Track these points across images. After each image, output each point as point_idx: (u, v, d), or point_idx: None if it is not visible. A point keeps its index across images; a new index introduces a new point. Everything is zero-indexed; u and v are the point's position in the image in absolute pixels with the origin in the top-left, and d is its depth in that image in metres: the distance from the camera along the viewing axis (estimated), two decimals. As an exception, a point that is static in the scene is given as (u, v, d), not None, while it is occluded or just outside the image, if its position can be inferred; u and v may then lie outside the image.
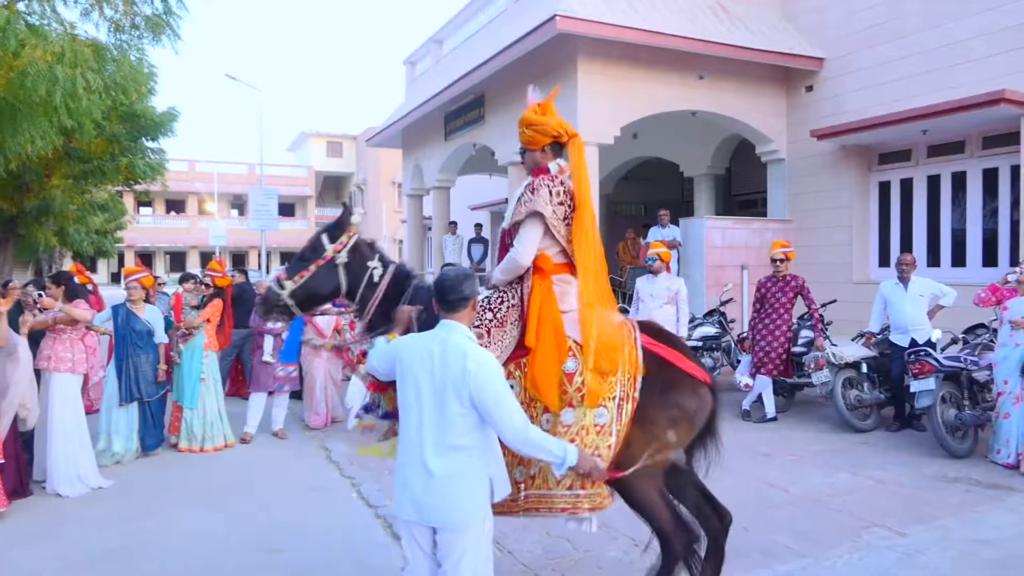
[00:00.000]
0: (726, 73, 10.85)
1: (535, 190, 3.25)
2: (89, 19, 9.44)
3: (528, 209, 3.24)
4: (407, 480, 2.64)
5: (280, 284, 3.46)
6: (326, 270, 3.46)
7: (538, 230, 3.25)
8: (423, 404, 2.62)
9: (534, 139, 3.38)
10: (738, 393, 8.22)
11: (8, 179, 14.16)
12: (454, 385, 2.56)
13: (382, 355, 2.84)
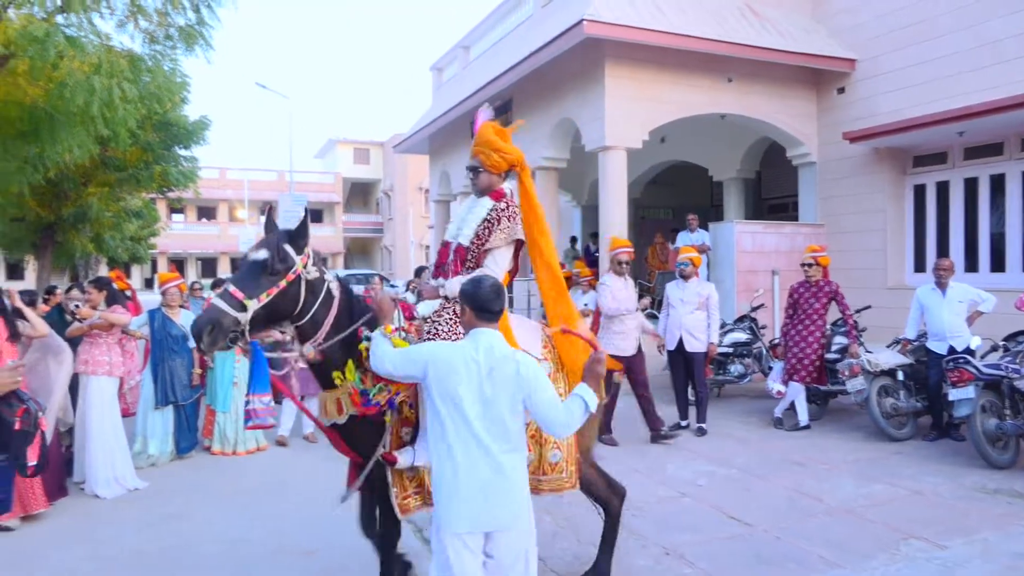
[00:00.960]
0: (755, 76, 10.75)
1: (511, 218, 3.46)
2: (124, 30, 9.65)
3: (510, 236, 3.46)
4: (462, 491, 2.63)
5: (240, 305, 2.88)
6: (295, 287, 3.03)
7: (510, 254, 3.54)
8: (469, 414, 2.64)
9: (499, 164, 3.54)
10: (770, 400, 8.11)
11: (47, 187, 14.54)
12: (509, 391, 2.66)
13: (405, 359, 2.79)
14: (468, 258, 3.45)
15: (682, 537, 4.61)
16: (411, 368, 2.77)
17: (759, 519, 4.90)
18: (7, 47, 8.09)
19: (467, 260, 3.45)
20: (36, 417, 2.72)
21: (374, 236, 48.09)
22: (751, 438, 7.22)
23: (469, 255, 3.45)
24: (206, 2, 9.48)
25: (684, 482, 5.80)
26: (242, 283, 2.93)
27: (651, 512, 5.10)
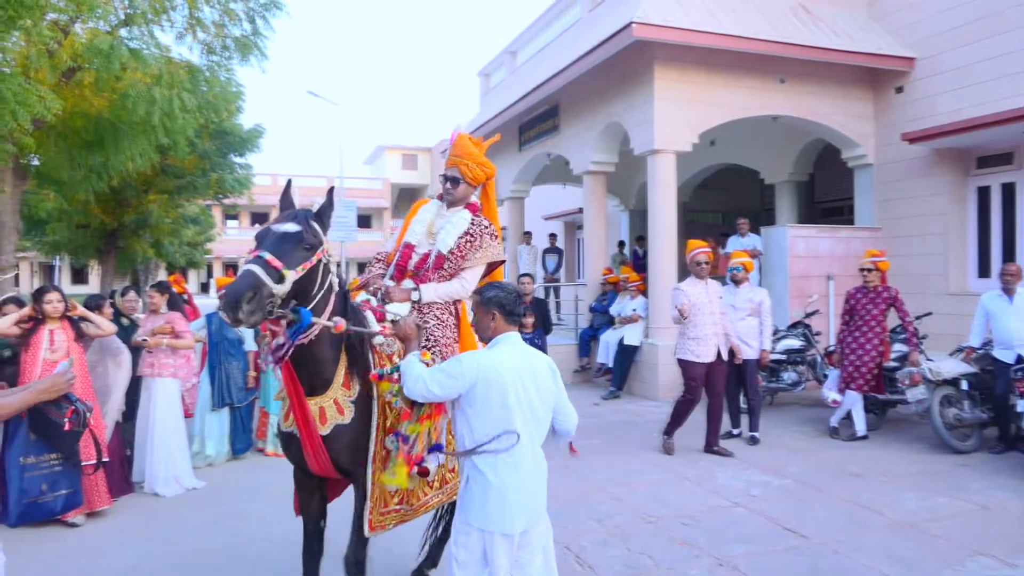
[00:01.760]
0: (809, 76, 10.51)
1: (494, 236, 3.56)
2: (183, 42, 9.97)
3: (493, 256, 3.55)
4: (515, 493, 2.73)
5: (278, 276, 2.63)
6: (317, 268, 2.85)
7: (482, 271, 3.59)
8: (516, 417, 2.74)
9: (478, 177, 3.63)
10: (824, 409, 7.90)
11: (110, 195, 15.10)
12: (550, 390, 2.86)
13: (451, 377, 2.73)
14: (445, 267, 3.47)
15: (736, 548, 4.52)
16: (458, 385, 2.73)
17: (816, 531, 4.77)
18: (74, 60, 8.42)
19: (443, 269, 3.47)
20: (84, 417, 2.83)
21: (421, 241, 48.48)
22: (805, 448, 7.04)
23: (447, 264, 3.46)
24: (261, 13, 9.74)
25: (736, 492, 5.68)
26: (278, 251, 2.66)
27: (703, 521, 5.01)
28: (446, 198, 3.63)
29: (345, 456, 3.08)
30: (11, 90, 6.71)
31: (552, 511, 5.18)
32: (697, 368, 6.67)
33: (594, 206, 11.97)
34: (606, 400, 9.84)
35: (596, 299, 11.51)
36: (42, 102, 7.08)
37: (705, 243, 7.00)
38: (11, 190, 9.41)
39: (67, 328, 5.28)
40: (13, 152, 8.17)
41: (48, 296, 5.25)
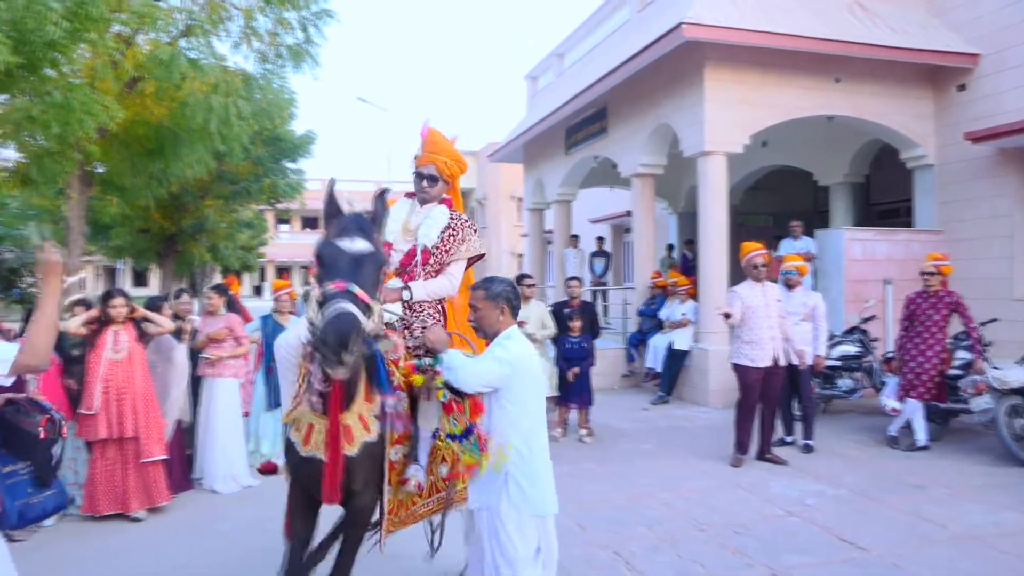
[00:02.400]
0: (866, 75, 10.22)
1: (475, 230, 3.55)
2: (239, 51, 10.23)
3: (476, 250, 3.51)
4: (548, 477, 2.99)
5: (367, 309, 2.48)
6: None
7: (465, 266, 3.57)
8: (539, 405, 3.01)
9: (455, 174, 3.57)
10: (882, 418, 7.65)
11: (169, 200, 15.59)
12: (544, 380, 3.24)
13: (500, 372, 2.87)
14: (430, 262, 3.41)
15: (791, 559, 4.41)
16: (506, 371, 2.90)
17: (874, 543, 4.62)
18: (137, 70, 8.73)
19: (427, 265, 3.41)
20: (59, 425, 2.93)
21: (467, 244, 48.79)
22: (863, 457, 6.83)
23: (431, 260, 3.41)
24: (313, 22, 9.93)
25: (791, 501, 5.55)
26: (361, 281, 2.50)
27: (755, 531, 4.90)
28: (420, 196, 3.51)
29: (361, 476, 2.93)
30: (78, 100, 6.99)
31: (601, 516, 5.19)
32: (752, 373, 6.52)
33: (642, 209, 11.86)
34: (655, 405, 9.72)
35: (644, 303, 11.40)
36: (107, 111, 7.34)
37: (761, 245, 6.85)
38: (78, 196, 9.79)
39: (130, 329, 5.46)
40: (80, 160, 8.49)
41: (114, 301, 5.45)
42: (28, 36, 6.26)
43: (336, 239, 2.58)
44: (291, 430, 2.95)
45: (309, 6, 9.70)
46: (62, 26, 6.26)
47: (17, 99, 7.38)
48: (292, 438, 2.94)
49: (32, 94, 7.15)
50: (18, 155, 8.55)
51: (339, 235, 2.59)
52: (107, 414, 5.23)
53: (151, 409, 5.42)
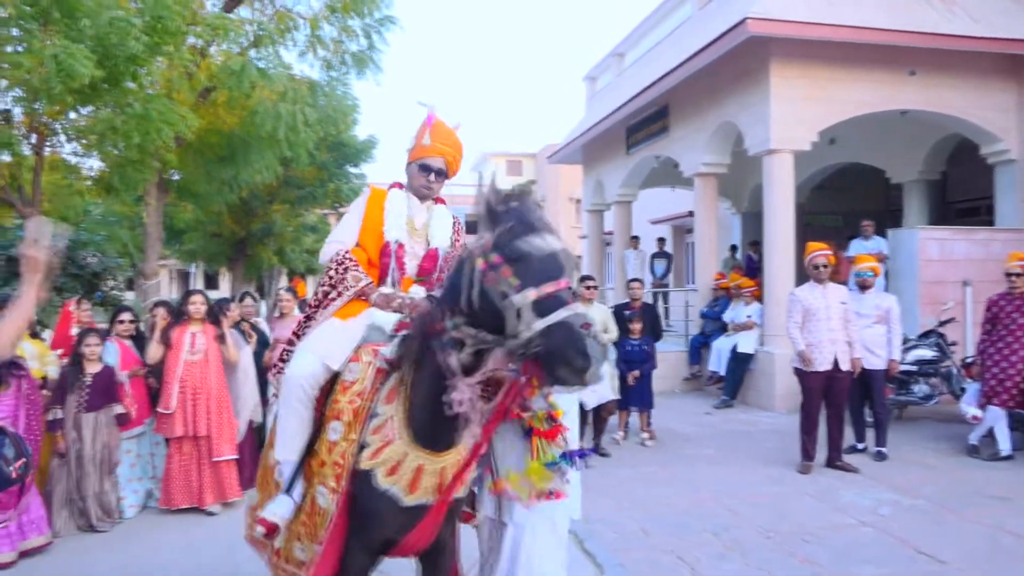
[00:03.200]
0: (942, 67, 9.79)
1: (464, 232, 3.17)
2: (305, 59, 10.56)
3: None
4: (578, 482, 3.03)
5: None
6: None
7: None
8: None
9: (457, 171, 3.12)
10: (962, 425, 7.32)
11: (239, 206, 16.16)
12: None
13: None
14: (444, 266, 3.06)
15: (864, 570, 4.26)
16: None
17: (954, 557, 4.42)
18: (210, 81, 9.09)
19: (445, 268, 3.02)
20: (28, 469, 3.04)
21: (526, 246, 48.96)
22: (941, 466, 6.54)
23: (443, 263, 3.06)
24: (376, 28, 10.17)
25: (863, 510, 5.35)
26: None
27: (826, 540, 4.76)
28: (423, 192, 3.04)
29: (454, 521, 2.73)
30: (156, 110, 7.32)
31: (665, 520, 5.13)
32: (812, 378, 6.33)
33: (705, 209, 11.65)
34: (718, 409, 9.54)
35: (707, 305, 11.19)
36: (183, 120, 7.67)
37: (825, 245, 6.64)
38: (155, 203, 10.26)
39: (208, 331, 5.66)
40: (158, 168, 8.89)
41: (193, 298, 5.68)
42: (111, 51, 6.59)
43: (530, 235, 2.13)
44: (378, 477, 2.40)
45: (373, 13, 9.92)
46: (142, 40, 6.57)
47: (100, 111, 7.78)
48: (384, 486, 2.39)
49: (114, 106, 7.52)
50: (101, 164, 9.01)
51: (529, 231, 2.14)
52: (183, 413, 5.44)
53: (224, 410, 5.60)
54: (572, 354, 1.95)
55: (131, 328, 5.84)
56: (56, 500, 5.07)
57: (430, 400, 2.31)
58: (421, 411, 2.38)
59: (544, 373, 2.05)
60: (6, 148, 7.21)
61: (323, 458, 2.54)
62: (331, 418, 2.54)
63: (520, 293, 2.03)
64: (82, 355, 5.20)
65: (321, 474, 2.55)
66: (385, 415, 2.44)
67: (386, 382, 2.51)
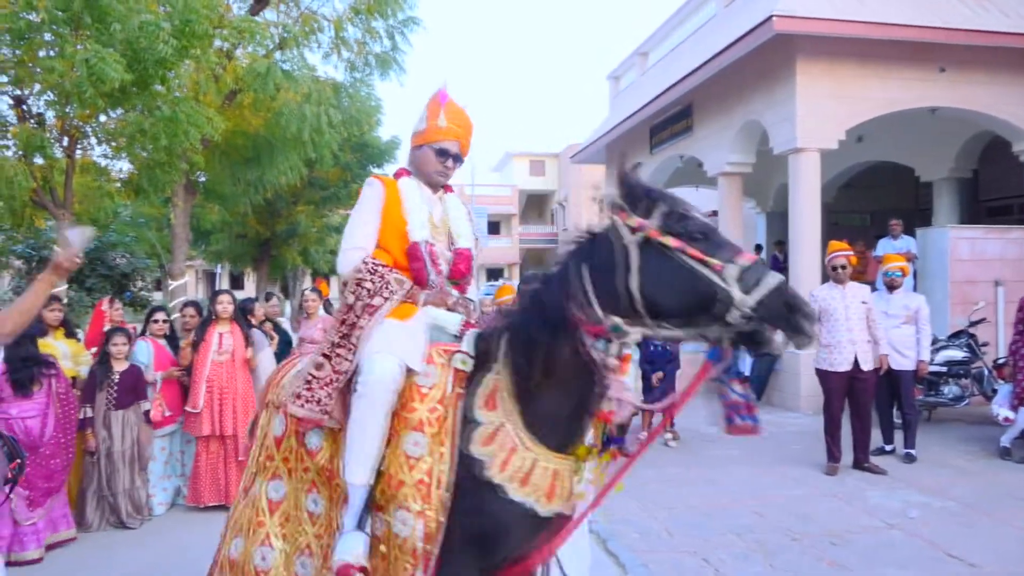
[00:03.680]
0: (973, 63, 9.61)
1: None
2: (329, 61, 10.65)
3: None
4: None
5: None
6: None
7: None
8: None
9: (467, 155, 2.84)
10: (993, 427, 7.18)
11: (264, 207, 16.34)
12: None
13: None
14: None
15: (892, 573, 4.19)
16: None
17: (986, 560, 4.34)
18: (236, 83, 9.19)
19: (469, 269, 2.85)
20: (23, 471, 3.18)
21: (549, 247, 48.88)
22: (971, 468, 6.42)
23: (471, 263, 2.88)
24: (400, 29, 10.23)
25: (892, 512, 5.27)
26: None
27: (853, 542, 4.69)
28: (439, 179, 2.74)
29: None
30: (184, 112, 7.42)
31: (689, 521, 5.09)
32: (833, 378, 6.26)
33: (729, 208, 11.55)
34: (743, 410, 9.44)
35: (732, 305, 11.08)
36: (210, 123, 7.77)
37: (845, 245, 6.57)
38: (183, 205, 10.40)
39: (236, 333, 5.73)
40: (185, 170, 9.01)
41: (220, 297, 5.76)
42: (141, 55, 6.69)
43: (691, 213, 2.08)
44: (510, 490, 2.16)
45: (396, 15, 9.98)
46: (171, 44, 6.66)
47: (130, 114, 7.90)
48: (519, 498, 2.16)
49: (143, 109, 7.64)
50: (130, 167, 9.15)
51: (687, 210, 2.09)
52: (210, 412, 5.51)
53: (250, 409, 5.65)
54: (799, 316, 1.92)
55: (165, 328, 5.93)
56: (89, 497, 5.18)
57: (556, 400, 2.18)
58: (547, 413, 2.19)
59: (759, 342, 1.94)
60: (39, 151, 7.34)
61: (401, 478, 2.22)
62: (406, 430, 2.25)
63: (725, 271, 1.93)
64: (109, 354, 5.29)
65: (397, 497, 2.22)
66: (492, 423, 2.20)
67: (474, 386, 2.27)
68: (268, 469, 2.63)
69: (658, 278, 1.99)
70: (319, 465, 2.47)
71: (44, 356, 4.77)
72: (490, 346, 2.30)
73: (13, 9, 6.49)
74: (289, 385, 2.59)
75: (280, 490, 2.60)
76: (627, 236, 2.04)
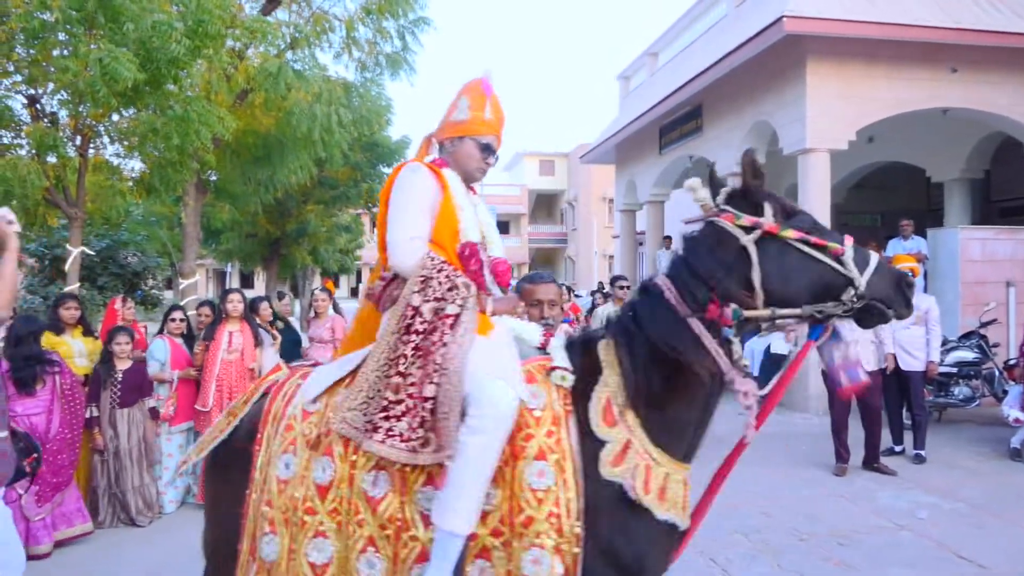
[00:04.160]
0: (985, 64, 9.55)
1: None
2: (340, 61, 10.67)
3: None
4: None
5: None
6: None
7: None
8: None
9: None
10: (1004, 428, 7.14)
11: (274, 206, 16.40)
12: None
13: None
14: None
15: (900, 573, 4.19)
16: None
17: (996, 561, 4.33)
18: (248, 83, 9.24)
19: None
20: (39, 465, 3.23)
21: (558, 247, 48.90)
22: (981, 469, 6.40)
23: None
24: (411, 29, 10.25)
25: (900, 513, 5.26)
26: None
27: (861, 543, 4.69)
28: (478, 176, 2.50)
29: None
30: (196, 112, 7.46)
31: (697, 521, 5.08)
32: None
33: (739, 209, 11.52)
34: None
35: (740, 305, 11.05)
36: (221, 122, 7.80)
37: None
38: (193, 203, 10.46)
39: (246, 332, 5.77)
40: (196, 169, 9.07)
41: (231, 296, 5.81)
42: (154, 54, 6.74)
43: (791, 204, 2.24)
44: (657, 508, 2.08)
45: (407, 15, 10.00)
46: (184, 44, 6.70)
47: (142, 113, 7.96)
48: (664, 516, 2.09)
49: (155, 108, 7.69)
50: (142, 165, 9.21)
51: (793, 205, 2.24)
52: (219, 411, 5.54)
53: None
54: (904, 287, 2.10)
55: (182, 327, 5.99)
56: (99, 495, 5.23)
57: (680, 406, 2.14)
58: (672, 421, 2.14)
59: (871, 315, 2.09)
60: (52, 150, 7.40)
61: (529, 514, 1.98)
62: (525, 460, 2.02)
63: (844, 255, 2.06)
64: (112, 353, 5.33)
65: (526, 535, 1.98)
66: (617, 440, 2.06)
67: (583, 402, 2.11)
68: (309, 526, 2.15)
69: (780, 270, 2.06)
70: (385, 517, 2.07)
71: (47, 354, 4.80)
72: (590, 356, 2.17)
73: (27, 9, 6.55)
74: (348, 413, 2.13)
75: (326, 551, 2.13)
76: (742, 236, 2.09)
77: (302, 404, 2.30)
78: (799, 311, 2.08)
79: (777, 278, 2.06)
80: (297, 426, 2.26)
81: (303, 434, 2.23)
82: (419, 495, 2.07)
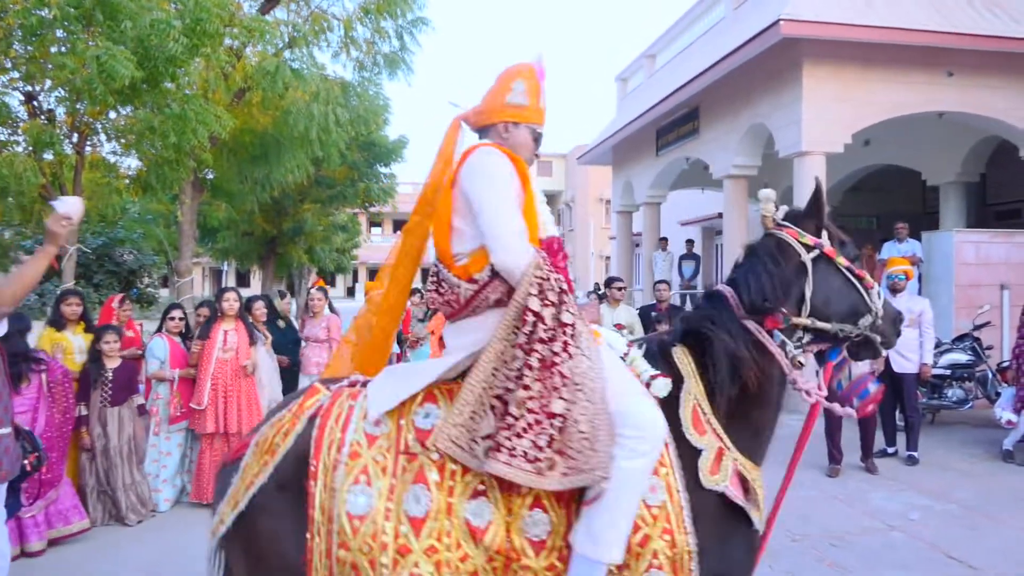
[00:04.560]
0: (982, 68, 9.59)
1: None
2: (338, 60, 10.67)
3: None
4: None
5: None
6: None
7: None
8: None
9: None
10: (996, 430, 7.18)
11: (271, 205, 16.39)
12: None
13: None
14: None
15: (894, 575, 4.21)
16: None
17: (988, 563, 4.35)
18: (245, 81, 9.24)
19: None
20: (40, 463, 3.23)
21: (555, 247, 48.93)
22: (973, 471, 6.43)
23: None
24: (409, 30, 10.26)
25: (892, 514, 5.29)
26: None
27: (854, 544, 4.71)
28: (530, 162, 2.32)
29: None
30: (193, 110, 7.46)
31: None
32: None
33: (735, 211, 11.56)
34: (746, 412, 9.45)
35: (736, 307, 11.07)
36: (218, 121, 7.80)
37: None
38: (190, 202, 10.44)
39: (241, 331, 5.77)
40: (193, 167, 9.06)
41: (226, 295, 5.81)
42: (151, 52, 6.74)
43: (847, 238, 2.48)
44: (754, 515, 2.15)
45: (405, 15, 10.01)
46: (182, 42, 6.70)
47: (139, 111, 7.95)
48: (756, 521, 2.17)
49: (153, 106, 7.68)
50: (139, 163, 9.20)
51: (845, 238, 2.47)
52: (214, 409, 5.55)
53: (253, 407, 5.70)
54: (896, 327, 2.44)
55: (181, 325, 5.98)
56: (88, 493, 5.22)
57: (757, 411, 2.30)
58: (752, 426, 2.29)
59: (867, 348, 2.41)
60: (49, 147, 7.39)
61: (645, 532, 1.93)
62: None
63: (872, 289, 2.37)
64: (101, 351, 5.30)
65: (643, 555, 1.93)
66: (710, 447, 2.08)
67: (673, 409, 2.08)
68: (405, 562, 1.89)
69: (827, 288, 2.32)
70: (490, 549, 1.89)
71: (33, 352, 4.77)
72: (669, 365, 2.19)
73: (26, 6, 6.54)
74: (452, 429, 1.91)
75: None
76: (803, 253, 2.31)
77: (363, 428, 2.02)
78: (829, 325, 2.31)
79: (821, 296, 2.31)
80: (365, 453, 1.98)
81: (374, 460, 1.97)
82: (526, 520, 1.90)
